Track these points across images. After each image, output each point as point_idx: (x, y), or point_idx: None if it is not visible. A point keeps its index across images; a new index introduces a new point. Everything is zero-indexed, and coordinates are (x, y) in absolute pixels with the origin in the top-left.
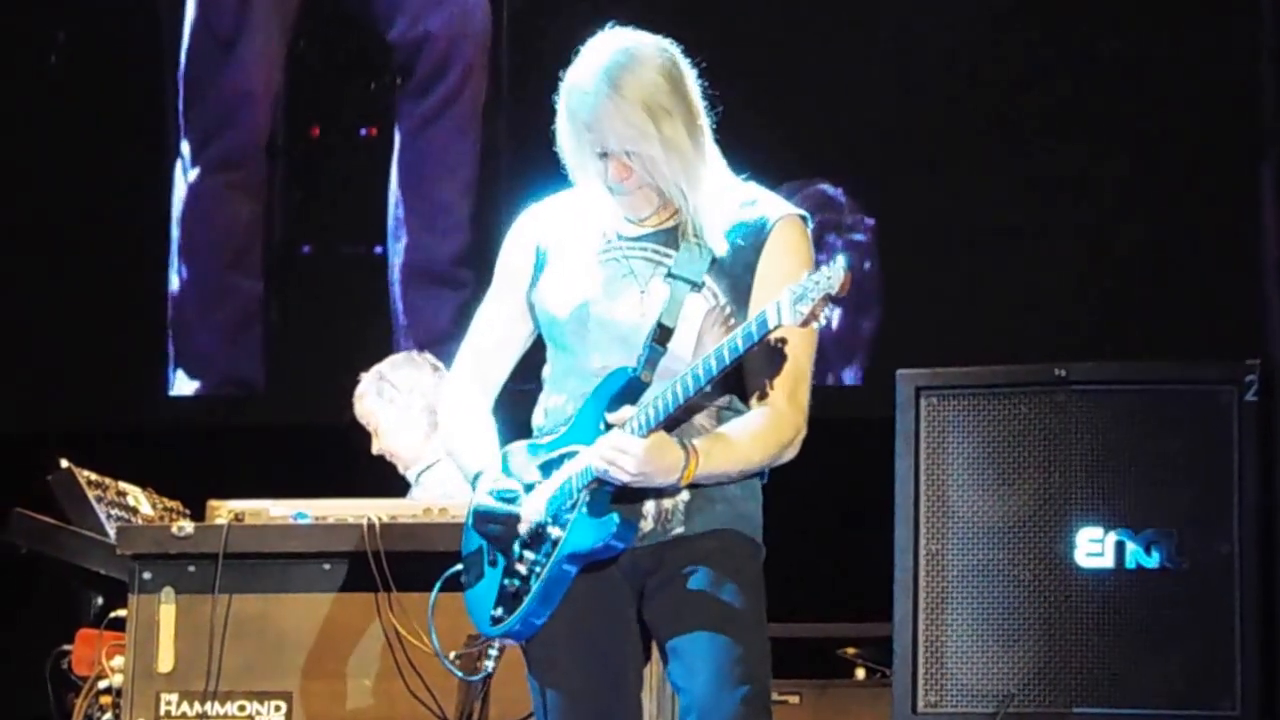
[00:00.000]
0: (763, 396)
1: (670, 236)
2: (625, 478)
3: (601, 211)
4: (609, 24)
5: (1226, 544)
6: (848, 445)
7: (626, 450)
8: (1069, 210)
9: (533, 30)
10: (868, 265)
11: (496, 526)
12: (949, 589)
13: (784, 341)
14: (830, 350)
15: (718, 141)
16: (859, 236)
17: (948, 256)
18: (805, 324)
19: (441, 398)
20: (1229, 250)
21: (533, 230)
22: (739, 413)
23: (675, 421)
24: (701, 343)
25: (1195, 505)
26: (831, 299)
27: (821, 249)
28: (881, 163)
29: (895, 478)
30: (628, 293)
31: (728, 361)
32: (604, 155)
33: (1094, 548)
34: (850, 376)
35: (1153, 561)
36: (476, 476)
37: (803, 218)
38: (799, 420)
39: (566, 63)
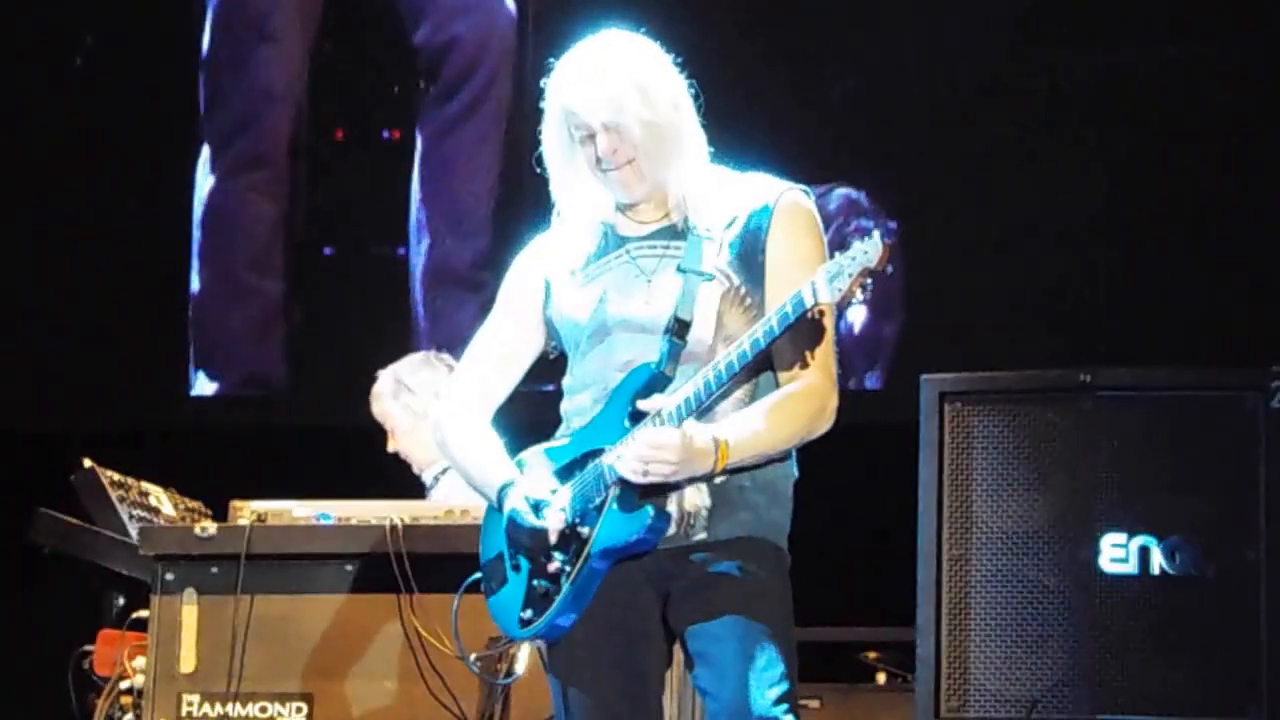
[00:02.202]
0: (790, 370)
1: (675, 231)
2: (668, 470)
3: (603, 216)
4: (636, 29)
5: (1252, 550)
6: (869, 449)
7: (664, 444)
8: (1094, 214)
9: (559, 35)
10: (890, 269)
11: (530, 534)
12: (972, 594)
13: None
14: (852, 354)
15: (740, 143)
16: None
17: (971, 260)
18: (844, 301)
19: (440, 415)
20: (1256, 256)
21: (539, 258)
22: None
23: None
24: (722, 323)
25: (1220, 511)
26: (870, 273)
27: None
28: (904, 166)
29: (919, 483)
30: (638, 288)
31: (763, 345)
32: (590, 137)
33: (1118, 554)
34: (872, 380)
35: (1177, 568)
36: (505, 487)
37: (803, 191)
38: (829, 389)
39: None
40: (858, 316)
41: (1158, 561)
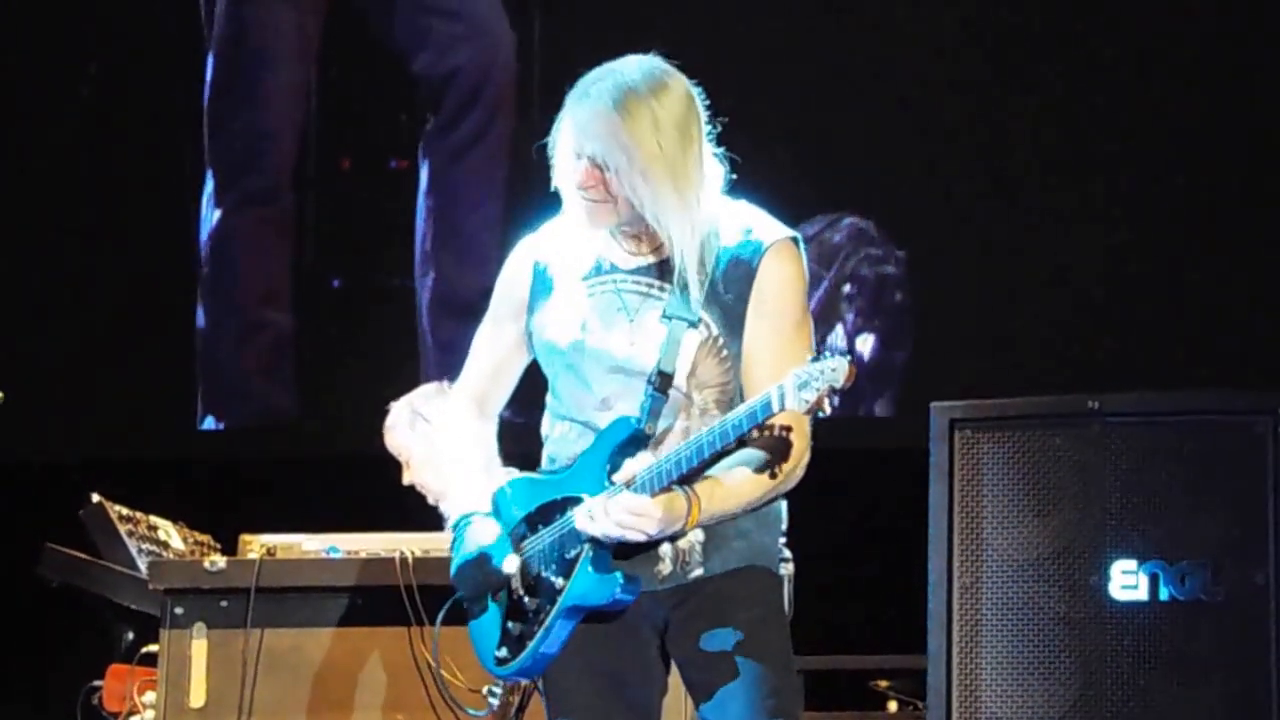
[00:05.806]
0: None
1: (664, 269)
2: (644, 538)
3: (595, 239)
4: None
5: (1262, 575)
6: (879, 477)
7: (644, 513)
8: (1101, 240)
9: (563, 62)
10: (899, 297)
11: (485, 579)
12: (983, 622)
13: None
14: (862, 382)
15: (747, 171)
16: (890, 269)
17: (979, 288)
18: (809, 412)
19: (443, 423)
20: (1264, 280)
21: (531, 254)
22: None
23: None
24: (695, 373)
25: (1230, 536)
26: (835, 391)
27: (854, 281)
28: (912, 194)
29: (929, 510)
30: (619, 325)
31: (732, 439)
32: (579, 157)
33: (1128, 580)
34: (881, 408)
35: (1187, 593)
36: (463, 519)
37: (794, 239)
38: (802, 448)
39: None
40: (867, 345)
41: (1167, 587)
